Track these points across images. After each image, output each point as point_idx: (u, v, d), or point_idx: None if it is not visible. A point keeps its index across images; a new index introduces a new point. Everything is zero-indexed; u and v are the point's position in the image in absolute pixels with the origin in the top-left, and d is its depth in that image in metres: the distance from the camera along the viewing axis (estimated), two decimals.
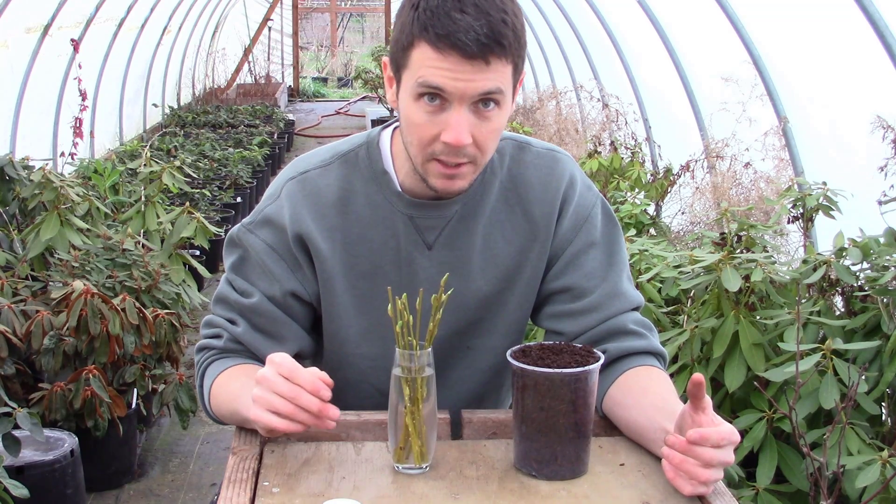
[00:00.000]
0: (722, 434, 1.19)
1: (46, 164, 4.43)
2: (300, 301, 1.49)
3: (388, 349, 1.34)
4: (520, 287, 1.54)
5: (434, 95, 1.31)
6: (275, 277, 1.47)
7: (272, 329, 1.49)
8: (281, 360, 1.27)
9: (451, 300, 1.42)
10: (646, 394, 1.39)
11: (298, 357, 1.53)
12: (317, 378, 1.25)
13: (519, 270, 1.52)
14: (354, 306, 1.50)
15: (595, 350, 1.34)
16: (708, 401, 1.21)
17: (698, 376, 1.19)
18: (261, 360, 1.46)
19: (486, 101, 1.32)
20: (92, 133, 7.44)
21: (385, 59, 1.42)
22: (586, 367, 1.27)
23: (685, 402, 1.25)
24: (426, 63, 1.30)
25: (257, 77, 15.10)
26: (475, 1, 1.28)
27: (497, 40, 1.28)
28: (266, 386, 1.26)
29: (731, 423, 2.30)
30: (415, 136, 1.36)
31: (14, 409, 2.47)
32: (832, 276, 2.42)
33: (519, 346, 1.34)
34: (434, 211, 1.47)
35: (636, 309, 1.54)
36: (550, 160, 1.53)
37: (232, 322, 1.49)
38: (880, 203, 2.68)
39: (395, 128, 1.51)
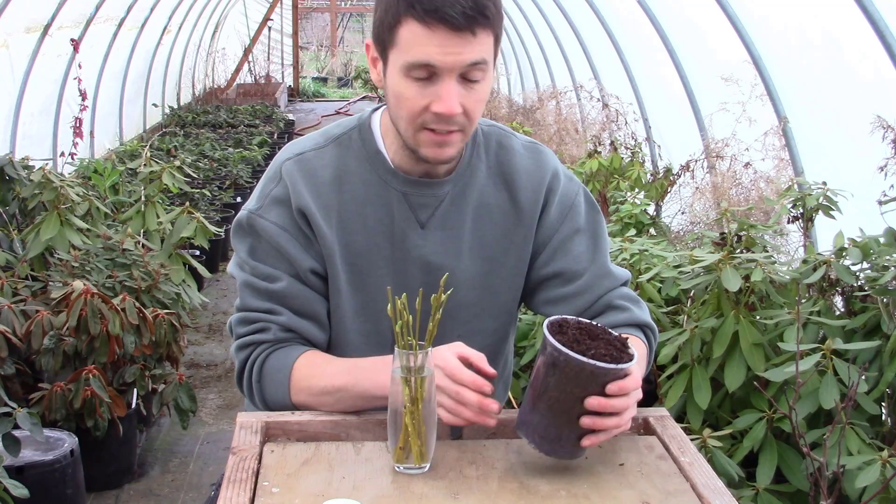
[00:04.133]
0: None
1: (46, 164, 4.43)
2: (319, 277, 1.52)
3: (381, 325, 1.41)
4: (506, 270, 1.58)
5: (423, 69, 1.36)
6: (292, 259, 1.49)
7: (309, 310, 1.52)
8: (444, 363, 1.33)
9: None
10: None
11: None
12: (477, 376, 1.32)
13: (504, 253, 1.57)
14: (349, 283, 1.52)
15: (630, 345, 1.32)
16: None
17: None
18: (312, 344, 1.52)
19: (472, 71, 1.38)
20: (92, 133, 7.43)
21: (368, 41, 1.46)
22: (620, 366, 1.26)
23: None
24: (415, 40, 1.34)
25: (257, 77, 15.10)
26: None
27: (481, 12, 1.34)
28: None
29: (730, 423, 2.32)
30: (404, 110, 1.40)
31: (14, 409, 2.47)
32: (832, 276, 2.42)
33: (558, 317, 1.33)
34: (427, 189, 1.52)
35: (624, 284, 1.61)
36: (535, 152, 1.61)
37: (271, 312, 1.50)
38: (880, 203, 2.68)
39: (385, 109, 1.55)
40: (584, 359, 1.24)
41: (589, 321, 1.35)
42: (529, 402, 1.30)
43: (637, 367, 1.30)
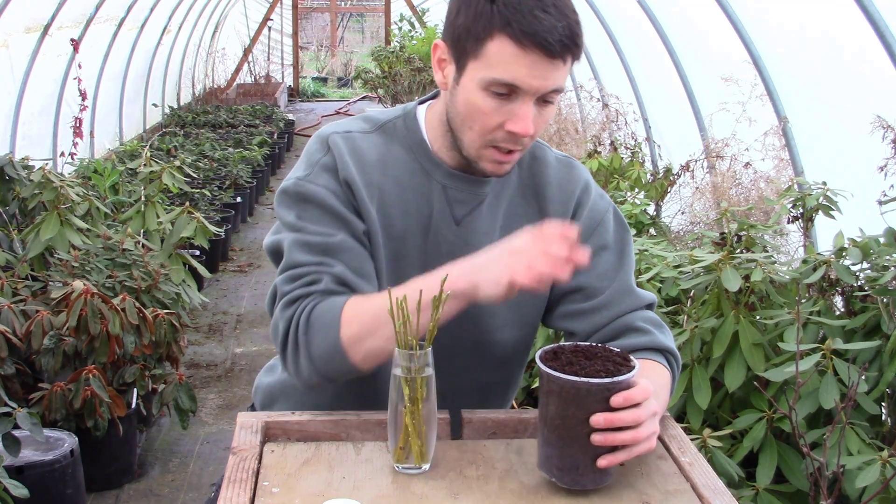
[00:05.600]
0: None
1: (46, 164, 4.43)
2: (369, 242, 1.49)
3: None
4: None
5: (505, 87, 1.35)
6: (346, 218, 1.46)
7: (362, 268, 1.45)
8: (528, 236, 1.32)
9: None
10: None
11: None
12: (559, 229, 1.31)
13: None
14: (388, 263, 1.50)
15: (631, 358, 1.29)
16: None
17: None
18: None
19: (550, 95, 1.38)
20: (92, 133, 7.43)
21: (439, 41, 1.44)
22: (614, 379, 1.22)
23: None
24: (506, 58, 1.33)
25: (257, 77, 15.10)
26: (554, 2, 1.33)
27: (575, 42, 1.35)
28: (524, 255, 1.30)
29: (730, 423, 2.31)
30: (477, 123, 1.40)
31: (14, 409, 2.47)
32: (832, 276, 2.42)
33: (552, 346, 1.31)
34: (467, 185, 1.51)
35: (649, 307, 1.57)
36: (567, 165, 1.60)
37: (323, 264, 1.42)
38: (880, 203, 2.68)
39: (430, 105, 1.54)
40: (574, 378, 1.21)
41: (589, 343, 1.33)
42: (540, 436, 1.27)
43: (644, 379, 1.26)
